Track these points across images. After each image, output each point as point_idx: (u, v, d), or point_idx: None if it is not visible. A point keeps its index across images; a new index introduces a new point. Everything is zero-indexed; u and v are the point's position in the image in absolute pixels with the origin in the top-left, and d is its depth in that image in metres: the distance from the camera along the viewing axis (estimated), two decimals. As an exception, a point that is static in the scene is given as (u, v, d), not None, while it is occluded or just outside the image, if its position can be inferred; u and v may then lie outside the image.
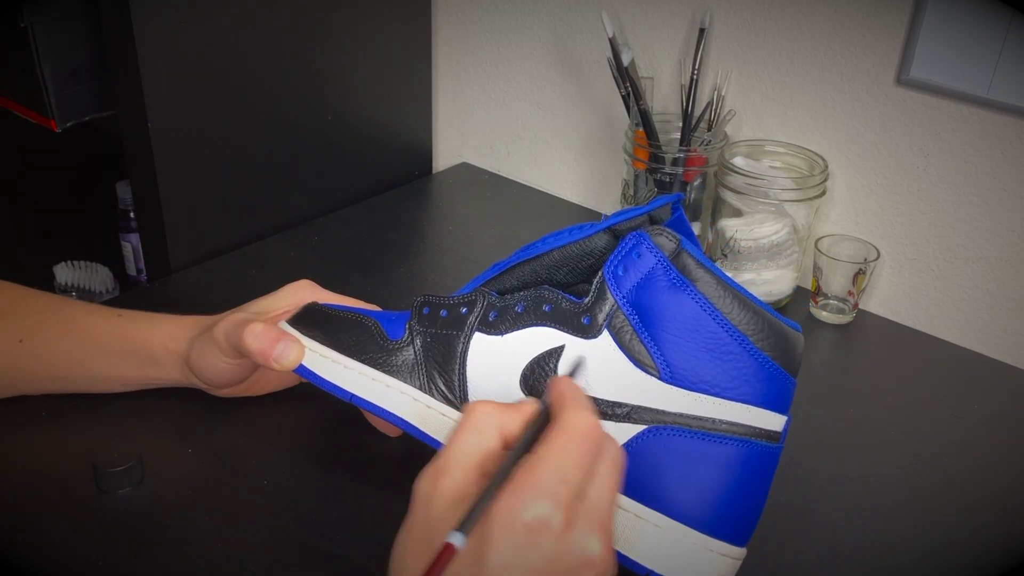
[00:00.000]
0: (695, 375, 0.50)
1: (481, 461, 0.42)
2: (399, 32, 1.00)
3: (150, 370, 0.64)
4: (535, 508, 0.39)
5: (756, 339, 0.50)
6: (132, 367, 0.64)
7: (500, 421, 0.44)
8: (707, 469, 0.49)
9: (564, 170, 1.04)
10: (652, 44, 0.92)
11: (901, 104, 0.79)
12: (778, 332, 0.51)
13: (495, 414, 0.44)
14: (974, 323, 0.82)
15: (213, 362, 0.61)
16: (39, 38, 0.81)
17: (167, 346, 0.63)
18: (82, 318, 0.64)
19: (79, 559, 0.55)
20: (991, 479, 0.66)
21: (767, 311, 0.51)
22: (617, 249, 0.51)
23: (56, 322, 0.64)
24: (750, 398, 0.50)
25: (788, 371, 0.51)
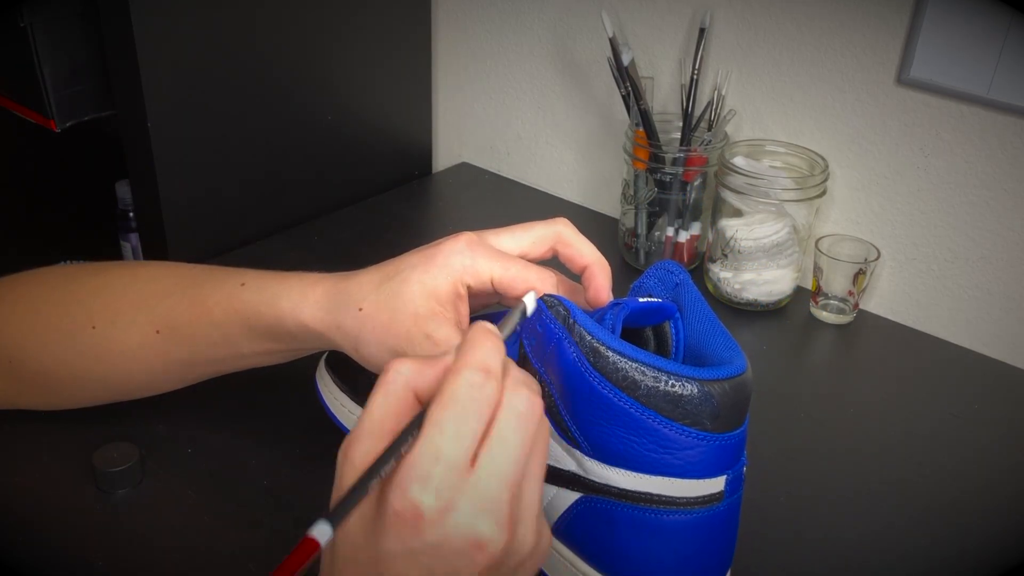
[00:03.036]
0: (608, 449, 0.47)
1: (394, 425, 0.39)
2: (399, 32, 1.00)
3: (291, 343, 0.57)
4: (404, 494, 0.36)
5: (667, 410, 0.45)
6: (271, 341, 0.57)
7: (411, 379, 0.40)
8: (642, 540, 0.48)
9: (564, 170, 1.04)
10: (652, 44, 0.92)
11: (901, 104, 0.79)
12: (704, 394, 0.45)
13: (406, 372, 0.40)
14: (974, 323, 0.82)
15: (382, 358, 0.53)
16: (39, 38, 0.81)
17: (298, 321, 0.54)
18: (207, 295, 0.57)
19: (79, 559, 0.55)
20: (991, 479, 0.66)
21: (699, 373, 0.46)
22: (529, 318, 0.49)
23: (184, 305, 0.58)
24: (670, 471, 0.47)
25: (721, 428, 0.46)
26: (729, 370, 0.46)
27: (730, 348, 0.48)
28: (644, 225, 0.87)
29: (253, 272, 0.58)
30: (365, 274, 0.54)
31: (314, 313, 0.53)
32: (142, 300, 0.59)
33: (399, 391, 0.39)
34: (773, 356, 0.79)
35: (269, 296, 0.55)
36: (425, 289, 0.51)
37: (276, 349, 0.57)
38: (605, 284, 0.54)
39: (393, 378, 0.40)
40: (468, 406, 0.38)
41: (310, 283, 0.55)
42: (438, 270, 0.51)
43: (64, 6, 0.82)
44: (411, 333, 0.50)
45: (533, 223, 0.55)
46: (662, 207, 0.86)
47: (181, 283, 0.59)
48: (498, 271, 0.51)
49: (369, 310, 0.52)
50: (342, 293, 0.53)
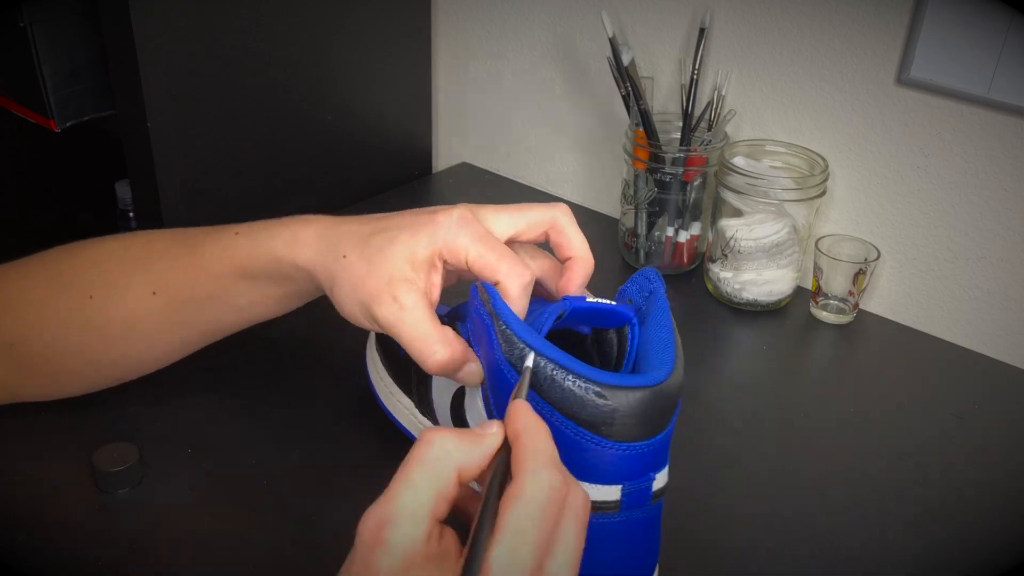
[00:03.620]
0: None
1: (434, 507, 0.37)
2: (399, 32, 1.00)
3: (287, 284, 0.57)
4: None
5: (565, 408, 0.45)
6: (269, 286, 0.58)
7: (456, 458, 0.38)
8: None
9: (564, 170, 1.04)
10: (652, 44, 0.92)
11: (901, 104, 0.79)
12: (602, 399, 0.44)
13: (451, 449, 0.38)
14: (974, 323, 0.82)
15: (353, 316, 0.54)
16: (39, 38, 0.81)
17: (292, 261, 0.55)
18: (202, 249, 0.58)
19: (79, 559, 0.55)
20: (991, 479, 0.66)
21: (628, 380, 0.45)
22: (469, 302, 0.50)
23: (180, 263, 0.59)
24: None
25: (620, 437, 0.45)
26: (639, 380, 0.45)
27: (663, 361, 0.46)
28: (644, 225, 0.87)
29: (246, 223, 0.59)
30: (357, 222, 0.55)
31: (306, 253, 0.55)
32: (137, 263, 0.59)
33: (442, 471, 0.37)
34: (773, 356, 0.79)
35: (263, 240, 0.56)
36: (407, 252, 0.52)
37: (274, 295, 0.58)
38: (577, 280, 0.55)
39: (439, 456, 0.38)
40: (548, 510, 0.36)
41: (302, 224, 0.56)
42: (423, 237, 0.52)
43: (64, 6, 0.82)
44: (381, 292, 0.51)
45: (532, 205, 0.56)
46: (662, 207, 0.86)
47: (175, 243, 0.60)
48: (473, 255, 0.52)
49: (352, 259, 0.53)
50: (332, 237, 0.54)
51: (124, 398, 0.67)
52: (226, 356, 0.74)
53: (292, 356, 0.73)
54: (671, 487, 0.63)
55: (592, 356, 0.54)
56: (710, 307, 0.85)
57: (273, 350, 0.74)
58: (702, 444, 0.68)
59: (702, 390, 0.74)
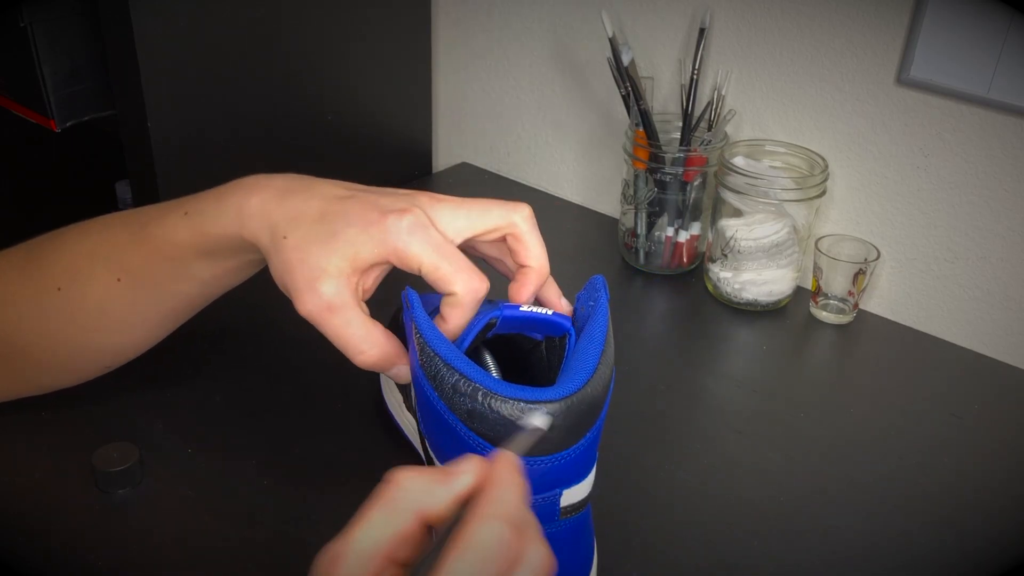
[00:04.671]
0: (433, 444, 0.49)
1: (390, 548, 0.35)
2: (399, 32, 1.00)
3: (244, 254, 0.56)
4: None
5: (465, 417, 0.45)
6: (226, 259, 0.57)
7: (420, 500, 0.36)
8: None
9: (564, 170, 1.04)
10: (652, 44, 0.92)
11: (901, 104, 0.79)
12: (495, 410, 0.44)
13: (415, 491, 0.36)
14: (974, 323, 0.82)
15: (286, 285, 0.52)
16: (39, 38, 0.81)
17: (240, 236, 0.54)
18: (155, 233, 0.57)
19: (79, 559, 0.55)
20: (991, 479, 0.66)
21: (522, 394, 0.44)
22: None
23: (137, 248, 0.57)
24: None
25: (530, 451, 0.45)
26: (539, 394, 0.44)
27: (575, 376, 0.45)
28: (644, 225, 0.87)
29: (193, 199, 0.57)
30: (310, 200, 0.52)
31: (250, 226, 0.53)
32: (97, 252, 0.59)
33: (402, 512, 0.36)
34: (773, 356, 0.79)
35: (211, 217, 0.55)
36: (349, 251, 0.50)
37: (234, 265, 0.57)
38: (527, 291, 0.53)
39: (397, 495, 0.36)
40: (488, 563, 0.34)
41: (248, 192, 0.54)
42: (369, 240, 0.50)
43: (64, 6, 0.82)
44: (308, 285, 0.50)
45: (492, 204, 0.53)
46: (662, 207, 0.86)
47: (130, 228, 0.59)
48: (427, 266, 0.50)
49: (291, 243, 0.51)
50: (276, 212, 0.52)
51: (124, 398, 0.67)
52: (226, 356, 0.74)
53: (293, 356, 0.73)
54: (671, 487, 0.64)
55: (544, 364, 0.53)
56: (710, 307, 0.85)
57: (274, 350, 0.74)
58: (702, 444, 0.68)
59: (702, 390, 0.74)
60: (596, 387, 0.45)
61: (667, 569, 0.57)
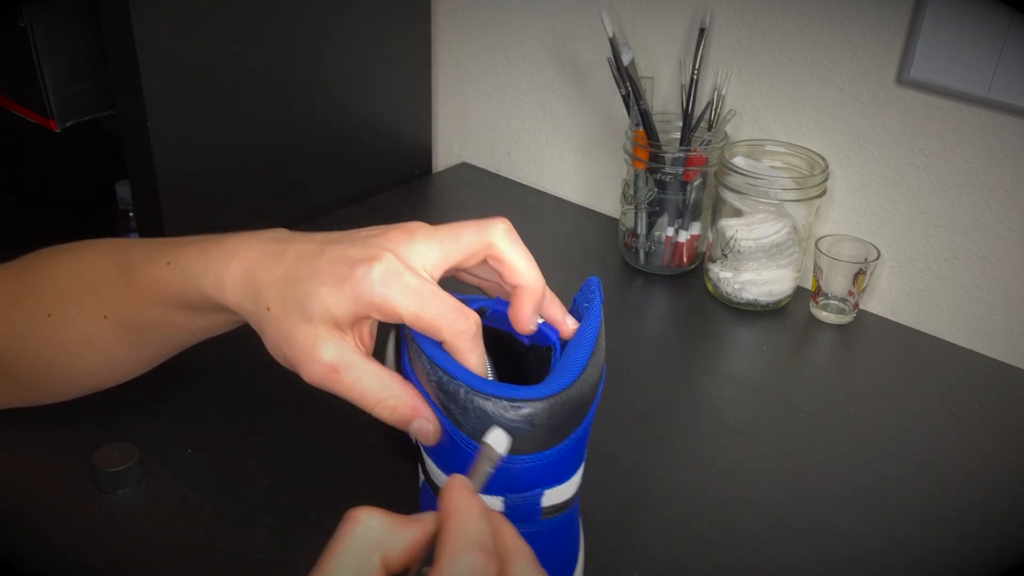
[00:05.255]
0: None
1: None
2: (399, 32, 1.00)
3: (230, 315, 0.54)
4: None
5: (451, 412, 0.45)
6: (210, 315, 0.55)
7: (381, 543, 0.36)
8: None
9: (564, 170, 1.04)
10: (652, 44, 0.92)
11: (901, 104, 0.79)
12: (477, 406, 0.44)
13: (377, 532, 0.36)
14: (974, 323, 0.82)
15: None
16: (39, 38, 0.81)
17: (221, 302, 0.52)
18: (139, 278, 0.56)
19: (79, 559, 0.55)
20: (991, 479, 0.66)
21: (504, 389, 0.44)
22: None
23: (122, 290, 0.56)
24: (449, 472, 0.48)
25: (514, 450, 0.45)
26: (522, 392, 0.44)
27: (560, 377, 0.45)
28: (644, 225, 0.87)
29: (179, 246, 0.55)
30: (284, 261, 0.50)
31: (233, 296, 0.51)
32: (86, 286, 0.58)
33: (365, 552, 0.36)
34: (773, 356, 0.79)
35: (192, 276, 0.53)
36: (326, 315, 0.47)
37: (219, 321, 0.56)
38: (526, 312, 0.49)
39: (357, 536, 0.36)
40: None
41: (228, 259, 0.51)
42: (341, 298, 0.47)
43: (64, 6, 0.82)
44: (305, 351, 0.48)
45: (465, 227, 0.50)
46: (662, 207, 0.86)
47: (116, 267, 0.57)
48: (408, 316, 0.46)
49: (275, 313, 0.49)
50: (256, 281, 0.50)
51: (124, 398, 0.66)
52: (227, 356, 0.74)
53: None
54: (671, 487, 0.64)
55: (537, 366, 0.53)
56: (710, 307, 0.85)
57: (273, 350, 0.74)
58: (702, 444, 0.68)
59: (702, 390, 0.74)
60: (582, 388, 0.45)
61: (667, 569, 0.57)
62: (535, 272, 0.49)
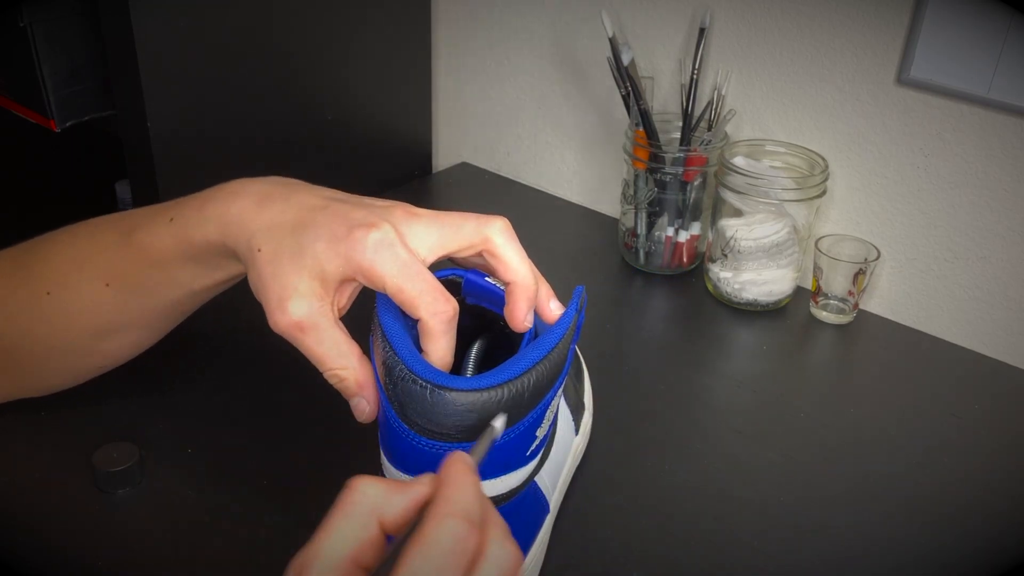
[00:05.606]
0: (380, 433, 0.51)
1: (355, 554, 0.36)
2: (399, 32, 1.00)
3: (231, 263, 0.55)
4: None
5: (389, 391, 0.46)
6: (213, 267, 0.56)
7: (379, 506, 0.38)
8: None
9: (564, 170, 1.04)
10: (652, 44, 0.92)
11: (901, 104, 0.79)
12: (407, 386, 0.45)
13: (374, 498, 0.38)
14: (974, 323, 0.82)
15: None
16: (38, 38, 0.81)
17: (223, 244, 0.53)
18: (142, 239, 0.56)
19: (78, 559, 0.55)
20: (991, 479, 0.66)
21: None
22: None
23: (124, 254, 0.57)
24: (386, 452, 0.49)
25: (422, 432, 0.46)
26: (447, 380, 0.44)
27: (497, 376, 0.45)
28: (644, 225, 0.87)
29: (179, 205, 0.56)
30: (286, 209, 0.51)
31: (232, 234, 0.52)
32: (85, 257, 0.58)
33: (363, 518, 0.37)
34: (773, 356, 0.79)
35: (195, 224, 0.54)
36: (316, 268, 0.48)
37: (223, 272, 0.56)
38: (520, 309, 0.50)
39: (357, 500, 0.38)
40: (448, 558, 0.35)
41: (229, 200, 0.53)
42: (336, 256, 0.48)
43: (64, 6, 0.82)
44: (279, 299, 0.49)
45: (466, 219, 0.51)
46: (662, 207, 0.86)
47: (117, 232, 0.58)
48: (391, 287, 0.47)
49: (264, 256, 0.50)
50: (253, 222, 0.51)
51: (124, 398, 0.67)
52: (227, 356, 0.74)
53: (294, 355, 0.73)
54: (671, 487, 0.63)
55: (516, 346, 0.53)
56: (710, 307, 0.85)
57: (274, 350, 0.74)
58: (702, 444, 0.68)
59: (702, 390, 0.74)
60: (519, 390, 0.45)
61: (667, 569, 0.57)
62: (528, 269, 0.50)
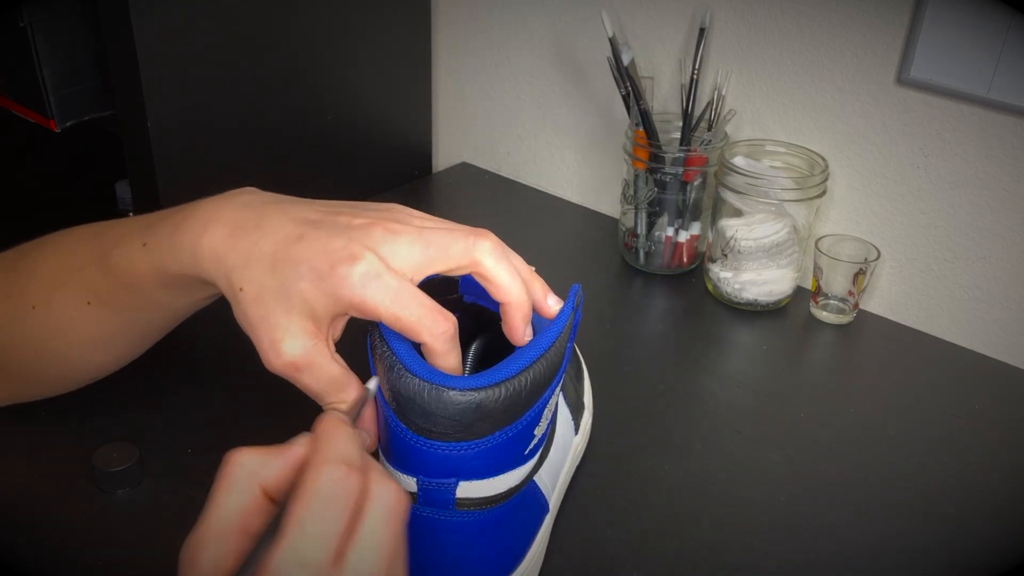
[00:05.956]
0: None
1: (242, 524, 0.37)
2: (399, 32, 1.00)
3: (212, 288, 0.53)
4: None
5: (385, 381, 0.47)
6: (191, 291, 0.54)
7: (257, 473, 0.38)
8: None
9: (564, 170, 1.04)
10: (652, 44, 0.92)
11: (901, 104, 0.79)
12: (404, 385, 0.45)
13: (251, 466, 0.38)
14: (974, 323, 0.82)
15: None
16: (39, 38, 0.81)
17: (199, 276, 0.51)
18: (116, 262, 0.55)
19: (78, 559, 0.55)
20: (991, 479, 0.66)
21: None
22: None
23: (101, 275, 0.56)
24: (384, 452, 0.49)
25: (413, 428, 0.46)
26: (447, 380, 0.44)
27: (494, 376, 0.45)
28: (644, 225, 0.87)
29: (152, 226, 0.54)
30: (261, 240, 0.48)
31: (207, 269, 0.50)
32: (67, 274, 0.58)
33: (244, 486, 0.38)
34: (773, 356, 0.79)
35: (167, 254, 0.52)
36: (306, 308, 0.47)
37: (202, 297, 0.56)
38: (517, 328, 0.49)
39: (235, 472, 0.38)
40: (331, 503, 0.36)
41: (198, 233, 0.50)
42: (323, 295, 0.46)
43: (64, 6, 0.82)
44: (271, 342, 0.48)
45: (453, 238, 0.49)
46: (662, 207, 0.86)
47: (94, 252, 0.57)
48: (387, 316, 0.46)
49: (248, 296, 0.48)
50: (228, 259, 0.49)
51: (124, 398, 0.67)
52: (227, 356, 0.74)
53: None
54: (671, 487, 0.63)
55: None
56: (710, 307, 0.85)
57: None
58: (702, 444, 0.68)
59: (702, 390, 0.74)
60: (513, 389, 0.45)
61: (667, 569, 0.57)
62: (520, 288, 0.49)
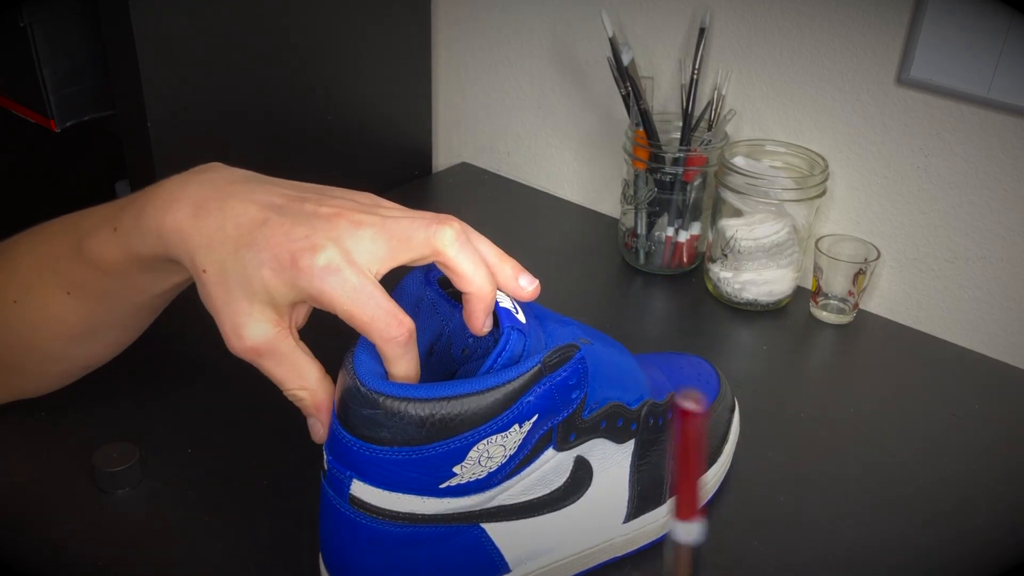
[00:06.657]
0: None
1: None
2: (399, 32, 1.00)
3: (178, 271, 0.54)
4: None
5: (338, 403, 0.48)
6: (169, 273, 0.55)
7: None
8: None
9: (564, 170, 1.04)
10: (652, 44, 0.92)
11: (901, 104, 0.79)
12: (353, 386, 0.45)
13: None
14: (974, 323, 0.82)
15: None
16: (39, 38, 0.81)
17: (170, 257, 0.51)
18: (91, 249, 0.54)
19: (78, 559, 0.55)
20: (990, 479, 0.66)
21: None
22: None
23: (78, 263, 0.56)
24: None
25: (344, 426, 0.46)
26: (360, 368, 0.45)
27: (407, 389, 0.44)
28: (644, 225, 0.87)
29: (122, 207, 0.54)
30: (224, 222, 0.49)
31: (173, 249, 0.50)
32: (45, 265, 0.57)
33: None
34: (773, 356, 0.79)
35: (136, 237, 0.52)
36: (266, 296, 0.47)
37: (179, 279, 0.55)
38: (477, 318, 0.49)
39: None
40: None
41: (161, 214, 0.50)
42: (283, 284, 0.46)
43: (64, 6, 0.82)
44: (233, 326, 0.48)
45: (415, 227, 0.47)
46: (662, 207, 0.86)
47: (69, 241, 0.56)
48: (341, 312, 0.46)
49: (211, 278, 0.48)
50: (194, 238, 0.49)
51: (124, 398, 0.67)
52: (227, 356, 0.74)
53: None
54: (671, 487, 0.63)
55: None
56: (710, 307, 0.85)
57: (273, 350, 0.74)
58: (702, 444, 0.68)
59: (702, 390, 0.74)
60: (405, 410, 0.44)
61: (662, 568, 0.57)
62: (483, 278, 0.48)
